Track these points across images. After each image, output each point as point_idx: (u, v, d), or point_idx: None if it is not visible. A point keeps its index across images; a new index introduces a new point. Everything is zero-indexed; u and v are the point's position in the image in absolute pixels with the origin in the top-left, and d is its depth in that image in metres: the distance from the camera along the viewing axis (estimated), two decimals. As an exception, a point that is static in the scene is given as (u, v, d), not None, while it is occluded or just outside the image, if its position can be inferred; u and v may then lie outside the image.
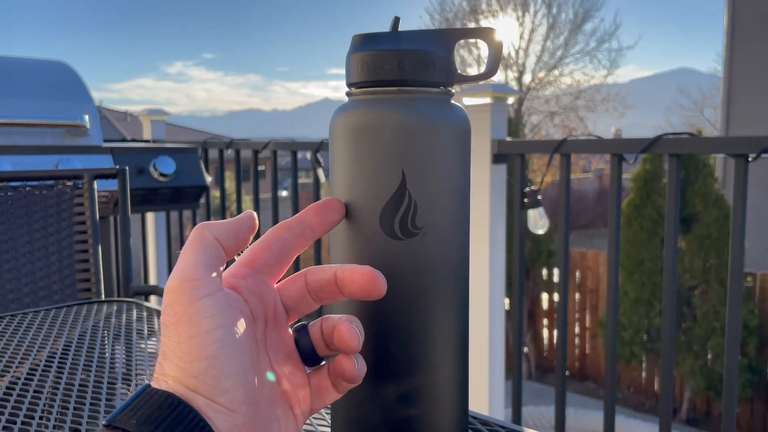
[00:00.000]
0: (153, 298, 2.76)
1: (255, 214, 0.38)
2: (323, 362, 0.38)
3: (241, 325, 0.34)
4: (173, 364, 0.32)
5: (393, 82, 0.39)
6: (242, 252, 0.38)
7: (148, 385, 0.33)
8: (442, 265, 0.40)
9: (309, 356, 0.38)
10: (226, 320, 0.33)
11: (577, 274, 5.90)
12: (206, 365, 0.32)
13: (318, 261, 2.35)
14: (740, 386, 4.57)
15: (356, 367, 0.36)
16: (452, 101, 0.41)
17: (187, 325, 0.32)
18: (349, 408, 0.41)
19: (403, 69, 0.38)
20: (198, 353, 0.32)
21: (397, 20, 0.40)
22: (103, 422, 0.31)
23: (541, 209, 1.87)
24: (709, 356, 4.82)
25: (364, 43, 0.40)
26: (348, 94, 0.41)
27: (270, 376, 0.36)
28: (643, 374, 5.43)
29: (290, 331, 0.39)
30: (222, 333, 0.32)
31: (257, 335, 0.36)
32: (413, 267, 0.39)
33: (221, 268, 0.35)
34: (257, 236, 0.38)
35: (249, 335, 0.35)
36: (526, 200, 1.87)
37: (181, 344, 0.32)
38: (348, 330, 0.36)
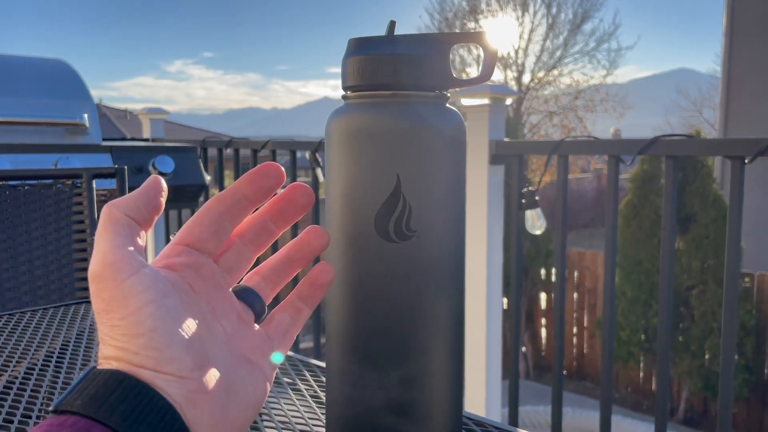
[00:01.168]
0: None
1: (160, 177, 0.37)
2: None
3: (175, 296, 0.34)
4: (112, 347, 0.32)
5: (388, 86, 0.39)
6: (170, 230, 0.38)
7: (93, 368, 0.32)
8: (436, 268, 0.40)
9: (259, 309, 0.39)
10: (156, 294, 0.32)
11: (575, 273, 5.91)
12: (145, 340, 0.31)
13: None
14: (737, 386, 4.58)
15: (331, 269, 0.39)
16: (447, 105, 0.41)
17: (117, 308, 0.32)
18: (345, 409, 0.41)
19: (399, 73, 0.39)
20: (135, 330, 0.31)
21: (392, 24, 0.40)
22: (49, 409, 0.31)
23: (538, 210, 1.88)
24: (707, 356, 4.83)
25: (360, 47, 0.40)
26: (344, 97, 0.42)
27: (224, 342, 0.36)
28: (641, 374, 5.44)
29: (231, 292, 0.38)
30: (154, 307, 0.32)
31: (203, 307, 0.36)
32: (407, 270, 0.39)
33: (140, 242, 0.35)
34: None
35: (189, 306, 0.34)
36: (523, 201, 1.88)
37: (115, 327, 0.32)
38: (319, 265, 0.40)
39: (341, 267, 0.41)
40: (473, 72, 15.36)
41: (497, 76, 15.28)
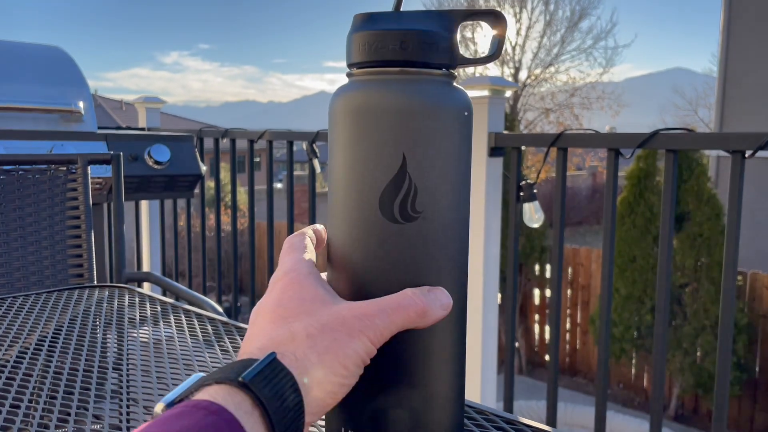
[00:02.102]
0: (146, 285, 2.75)
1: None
2: None
3: None
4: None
5: (395, 63, 0.38)
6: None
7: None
8: (441, 249, 0.39)
9: None
10: None
11: (569, 270, 5.92)
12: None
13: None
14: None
15: None
16: (455, 84, 0.40)
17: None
18: (349, 394, 0.40)
19: (406, 49, 0.37)
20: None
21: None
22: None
23: (536, 203, 1.87)
24: (698, 353, 4.85)
25: (366, 22, 0.39)
26: (348, 74, 0.40)
27: None
28: (633, 370, 5.46)
29: None
30: None
31: None
32: (412, 251, 0.38)
33: None
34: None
35: None
36: (521, 194, 1.87)
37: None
38: None
39: (345, 249, 0.40)
40: (470, 68, 15.35)
41: (494, 72, 15.26)
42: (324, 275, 0.41)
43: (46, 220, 1.29)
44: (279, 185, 9.55)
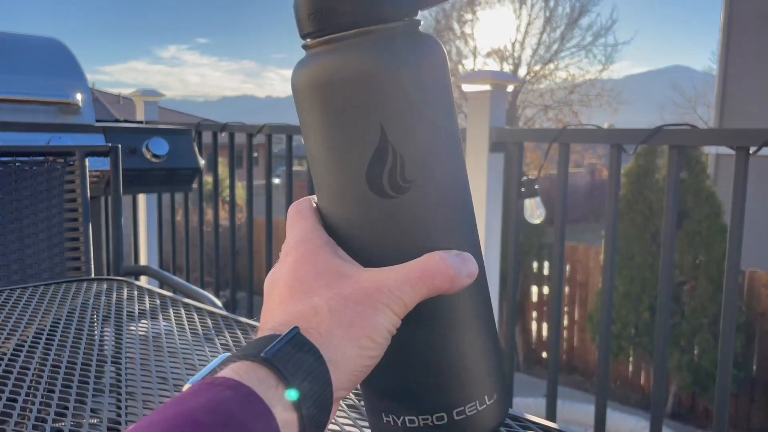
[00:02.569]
0: (143, 278, 2.73)
1: None
2: None
3: None
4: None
5: (348, 25, 0.34)
6: None
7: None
8: (443, 214, 0.36)
9: None
10: None
11: (567, 267, 5.92)
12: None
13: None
14: (726, 382, 4.60)
15: None
16: (420, 30, 0.36)
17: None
18: (373, 377, 0.38)
19: (357, 5, 0.33)
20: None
21: None
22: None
23: (537, 199, 1.86)
24: (696, 351, 4.85)
25: None
26: (304, 47, 0.36)
27: None
28: (630, 368, 5.46)
29: None
30: None
31: None
32: (413, 223, 0.35)
33: None
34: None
35: None
36: (522, 189, 1.86)
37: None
38: None
39: (341, 234, 0.37)
40: (469, 65, 15.35)
41: (494, 68, 15.23)
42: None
43: (44, 212, 1.28)
44: (277, 180, 9.53)
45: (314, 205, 0.39)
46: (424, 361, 0.37)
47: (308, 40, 0.36)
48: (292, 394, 0.30)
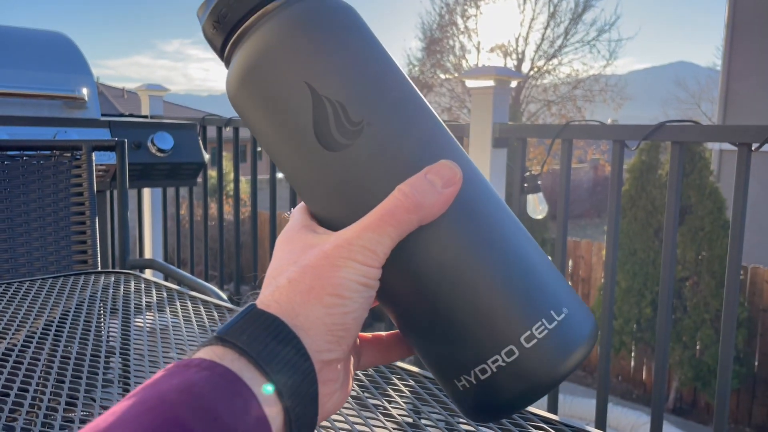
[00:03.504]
0: (148, 272, 2.75)
1: None
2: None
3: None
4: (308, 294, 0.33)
5: (242, 20, 0.36)
6: None
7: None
8: (407, 145, 0.35)
9: None
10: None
11: (570, 262, 5.92)
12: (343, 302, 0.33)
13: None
14: (728, 378, 4.61)
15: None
16: None
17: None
18: (427, 350, 0.37)
19: (237, 2, 0.36)
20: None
21: None
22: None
23: (540, 194, 1.87)
24: (698, 347, 4.86)
25: (202, 11, 0.38)
26: (226, 64, 0.39)
27: None
28: (632, 363, 5.47)
29: None
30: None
31: None
32: (378, 164, 0.34)
33: None
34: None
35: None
36: (525, 185, 1.87)
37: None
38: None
39: (321, 213, 0.37)
40: (472, 60, 15.32)
41: (497, 63, 15.20)
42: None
43: (51, 206, 1.29)
44: (280, 175, 9.54)
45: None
46: (461, 304, 0.34)
47: (225, 53, 0.38)
48: (255, 364, 0.30)
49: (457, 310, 0.34)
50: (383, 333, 0.41)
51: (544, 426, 0.53)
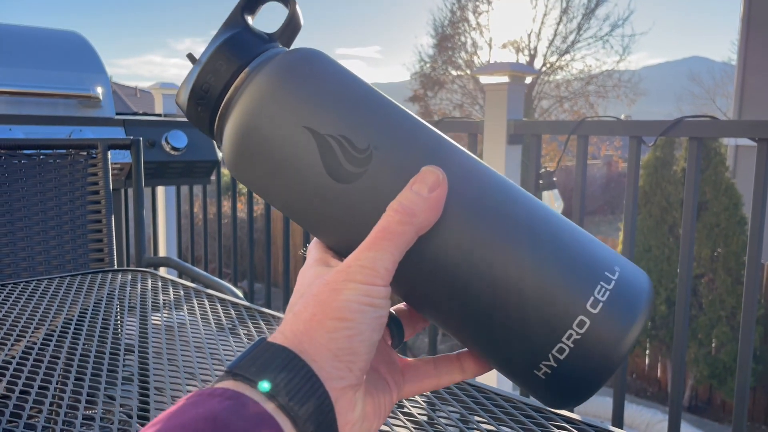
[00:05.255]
0: (162, 270, 2.76)
1: None
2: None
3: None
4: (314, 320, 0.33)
5: (224, 91, 0.38)
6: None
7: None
8: (419, 154, 0.36)
9: (399, 341, 0.40)
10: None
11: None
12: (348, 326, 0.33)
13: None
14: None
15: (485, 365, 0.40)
16: (280, 47, 0.40)
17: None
18: (497, 352, 0.37)
19: (217, 75, 0.38)
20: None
21: (191, 57, 0.40)
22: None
23: (555, 191, 1.86)
24: (713, 344, 4.82)
25: (181, 95, 0.40)
26: (218, 138, 0.40)
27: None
28: (647, 360, 5.44)
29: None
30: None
31: None
32: (391, 185, 0.35)
33: None
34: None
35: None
36: (540, 182, 1.85)
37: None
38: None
39: (340, 246, 0.37)
40: (484, 56, 15.26)
41: (509, 59, 15.13)
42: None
43: (67, 204, 1.30)
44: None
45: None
46: (514, 295, 0.34)
47: (216, 123, 0.39)
48: (264, 386, 0.30)
49: (513, 302, 0.34)
50: (430, 357, 0.41)
51: (567, 426, 0.52)
